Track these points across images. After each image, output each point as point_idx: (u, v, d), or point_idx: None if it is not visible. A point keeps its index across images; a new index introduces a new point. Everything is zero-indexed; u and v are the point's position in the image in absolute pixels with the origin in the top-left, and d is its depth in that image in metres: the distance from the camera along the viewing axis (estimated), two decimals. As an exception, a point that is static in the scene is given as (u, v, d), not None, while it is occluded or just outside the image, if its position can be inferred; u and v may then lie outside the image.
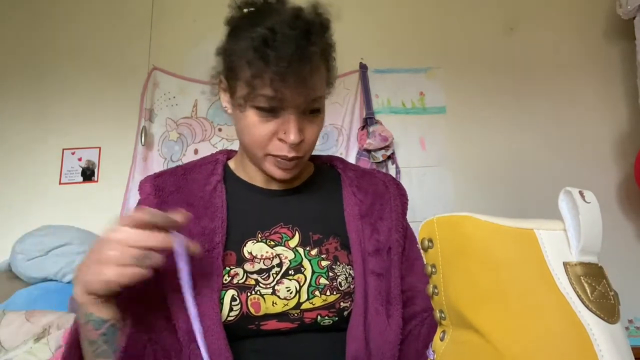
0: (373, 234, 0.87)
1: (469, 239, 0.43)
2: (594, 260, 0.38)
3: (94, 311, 0.64)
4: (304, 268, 0.81)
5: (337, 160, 1.02)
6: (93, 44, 2.49)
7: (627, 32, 2.43)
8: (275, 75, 0.71)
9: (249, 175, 0.91)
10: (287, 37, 0.70)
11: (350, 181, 0.94)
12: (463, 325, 0.44)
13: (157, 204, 0.83)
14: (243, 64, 0.75)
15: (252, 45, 0.72)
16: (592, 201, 0.37)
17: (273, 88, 0.72)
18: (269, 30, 0.70)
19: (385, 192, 0.94)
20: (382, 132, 2.31)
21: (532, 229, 0.40)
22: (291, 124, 0.77)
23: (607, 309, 0.36)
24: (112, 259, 0.61)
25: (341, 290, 0.80)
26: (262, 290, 0.78)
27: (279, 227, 0.86)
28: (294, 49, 0.70)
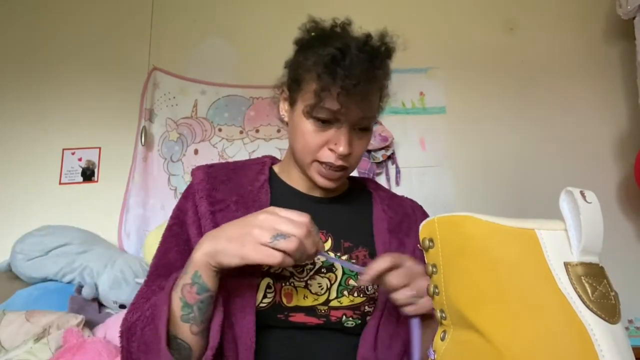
0: (399, 247, 0.92)
1: (470, 239, 0.43)
2: (595, 260, 0.38)
3: (205, 277, 0.68)
4: (335, 268, 0.86)
5: (370, 182, 1.09)
6: (93, 44, 2.49)
7: (627, 32, 2.43)
8: (342, 90, 0.78)
9: (293, 180, 0.97)
10: (357, 58, 0.78)
11: (381, 200, 1.01)
12: (464, 325, 0.44)
13: (209, 189, 0.89)
14: (311, 78, 0.83)
15: (323, 61, 0.79)
16: (593, 201, 0.37)
17: (338, 102, 0.79)
18: (339, 50, 0.79)
19: (412, 214, 1.01)
20: (382, 132, 2.31)
21: (533, 229, 0.40)
22: (343, 137, 0.83)
23: (608, 309, 0.36)
24: (256, 236, 0.64)
25: (367, 294, 0.85)
26: (295, 282, 0.82)
27: None
28: (362, 69, 0.78)
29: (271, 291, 0.81)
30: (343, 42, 0.80)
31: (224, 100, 2.46)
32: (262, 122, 2.43)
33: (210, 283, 0.69)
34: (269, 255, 0.63)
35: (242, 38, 2.54)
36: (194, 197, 0.88)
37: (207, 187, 0.89)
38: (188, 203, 0.89)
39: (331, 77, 0.78)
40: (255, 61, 2.47)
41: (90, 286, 1.84)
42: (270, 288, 0.81)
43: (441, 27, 2.60)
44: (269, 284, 0.81)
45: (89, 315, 1.76)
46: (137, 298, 0.82)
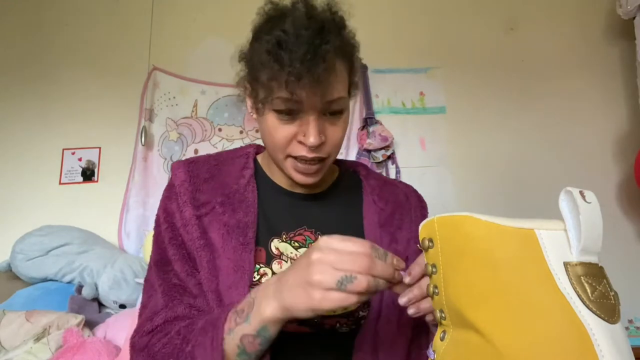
0: (391, 243, 0.87)
1: (470, 239, 0.43)
2: (594, 260, 0.38)
3: (272, 331, 0.64)
4: None
5: (360, 167, 1.02)
6: (93, 44, 2.49)
7: (627, 32, 2.43)
8: (289, 77, 0.70)
9: (275, 177, 0.92)
10: (300, 37, 0.69)
11: (371, 189, 0.95)
12: (463, 325, 0.44)
13: (192, 191, 0.84)
14: (260, 68, 0.75)
15: (267, 48, 0.72)
16: (593, 201, 0.37)
17: (289, 90, 0.71)
18: (282, 32, 0.71)
19: (406, 202, 0.95)
20: (382, 132, 2.31)
21: (532, 229, 0.40)
22: (310, 125, 0.75)
23: (607, 309, 0.36)
24: (319, 283, 0.56)
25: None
26: None
27: (303, 229, 0.87)
28: (307, 48, 0.69)
29: None
30: (287, 22, 0.72)
31: (224, 100, 2.46)
32: (262, 122, 2.42)
33: (275, 333, 0.65)
34: (342, 300, 0.55)
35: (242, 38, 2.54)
36: (177, 200, 0.83)
37: (190, 188, 0.84)
38: (173, 204, 0.84)
39: (277, 63, 0.71)
40: (255, 61, 2.47)
41: (90, 286, 1.84)
42: None
43: (441, 27, 2.60)
44: None
45: (89, 315, 1.76)
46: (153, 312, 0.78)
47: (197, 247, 0.80)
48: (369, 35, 2.63)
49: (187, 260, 0.81)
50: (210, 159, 0.92)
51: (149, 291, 0.82)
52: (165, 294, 0.78)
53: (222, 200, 0.84)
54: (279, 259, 0.82)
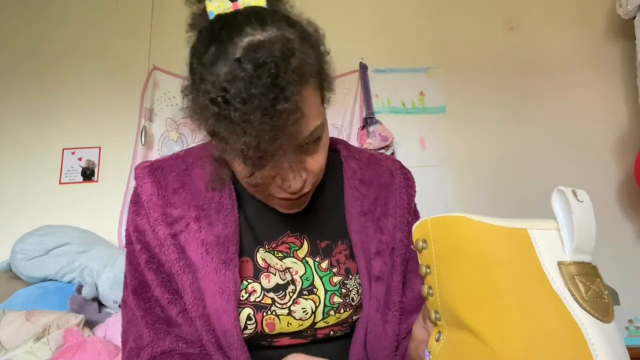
0: (376, 233, 0.81)
1: (463, 240, 0.43)
2: (587, 259, 0.38)
3: None
4: (316, 289, 0.77)
5: (341, 145, 0.91)
6: (93, 44, 2.49)
7: (627, 32, 2.43)
8: (246, 144, 0.57)
9: None
10: (253, 96, 0.55)
11: (352, 173, 0.86)
12: (458, 326, 0.44)
13: (162, 206, 0.74)
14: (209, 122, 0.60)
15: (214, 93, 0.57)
16: (585, 200, 0.37)
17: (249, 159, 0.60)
18: (227, 82, 0.55)
19: (391, 183, 0.87)
20: (382, 132, 2.31)
21: (525, 228, 0.40)
22: (287, 172, 0.65)
23: (601, 308, 0.36)
24: None
25: (353, 306, 0.79)
26: (277, 310, 0.74)
27: (286, 236, 0.81)
28: (265, 108, 0.55)
29: (252, 322, 0.73)
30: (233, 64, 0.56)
31: (223, 100, 2.46)
32: (262, 122, 2.42)
33: None
34: None
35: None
36: (147, 217, 0.74)
37: (160, 203, 0.74)
38: (143, 221, 0.75)
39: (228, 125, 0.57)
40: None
41: (90, 286, 1.84)
42: (250, 319, 0.73)
43: (441, 27, 2.60)
44: (249, 315, 0.73)
45: (89, 315, 1.76)
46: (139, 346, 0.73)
47: (177, 270, 0.73)
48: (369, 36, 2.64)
49: (168, 285, 0.75)
50: (179, 161, 0.81)
51: (129, 317, 0.75)
52: (149, 326, 0.73)
53: (197, 215, 0.75)
54: (267, 271, 0.77)
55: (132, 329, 0.74)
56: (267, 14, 0.62)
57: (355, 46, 2.48)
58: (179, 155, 0.84)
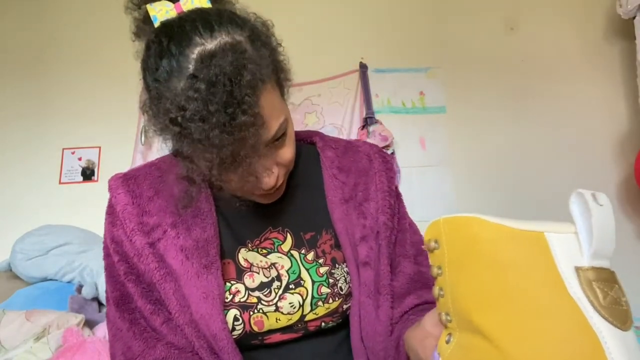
0: (359, 219, 0.80)
1: (476, 241, 0.42)
2: (606, 264, 0.37)
3: None
4: (303, 281, 0.77)
5: (316, 137, 0.90)
6: (93, 44, 2.48)
7: (627, 32, 2.43)
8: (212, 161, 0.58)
9: None
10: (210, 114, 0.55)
11: (330, 162, 0.85)
12: (470, 329, 0.43)
13: (137, 215, 0.73)
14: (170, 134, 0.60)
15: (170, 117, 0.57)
16: (605, 204, 0.36)
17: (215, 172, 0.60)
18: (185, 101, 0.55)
19: (370, 167, 0.85)
20: (382, 131, 2.31)
21: (542, 231, 0.39)
22: (258, 172, 0.64)
23: (619, 315, 0.35)
24: None
25: (342, 294, 0.78)
26: (264, 308, 0.74)
27: (268, 232, 0.81)
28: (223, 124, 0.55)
29: (239, 323, 0.73)
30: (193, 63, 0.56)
31: (224, 100, 2.45)
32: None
33: None
34: None
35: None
36: (124, 227, 0.73)
37: (135, 212, 0.73)
38: (119, 232, 0.74)
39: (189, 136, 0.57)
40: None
41: (90, 286, 1.83)
42: (237, 320, 0.73)
43: (441, 27, 2.59)
44: (236, 315, 0.73)
45: (89, 314, 1.75)
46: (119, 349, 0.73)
47: (158, 279, 0.72)
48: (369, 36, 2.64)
49: (149, 295, 0.74)
50: (152, 168, 0.80)
51: (114, 331, 0.74)
52: (138, 337, 0.72)
53: (173, 221, 0.74)
54: (250, 271, 0.77)
55: (119, 343, 0.73)
56: (213, 17, 0.60)
57: (355, 46, 2.48)
58: (153, 163, 0.83)
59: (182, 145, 0.59)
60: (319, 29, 2.42)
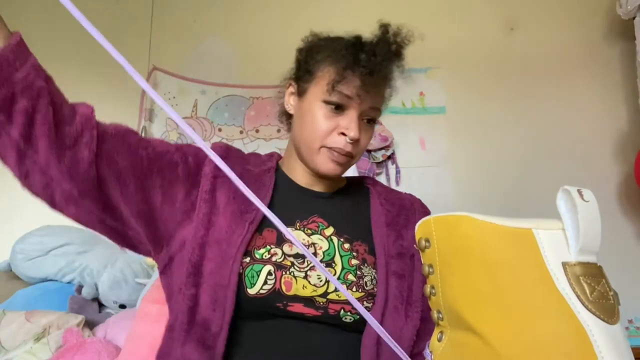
0: (397, 239, 0.93)
1: (467, 239, 0.43)
2: (592, 259, 0.38)
3: None
4: (335, 264, 0.86)
5: (367, 178, 1.10)
6: (93, 44, 2.47)
7: (627, 32, 2.42)
8: (363, 70, 0.84)
9: (295, 175, 0.99)
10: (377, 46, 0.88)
11: (378, 194, 1.02)
12: (461, 326, 0.43)
13: (223, 156, 0.92)
14: (327, 64, 0.89)
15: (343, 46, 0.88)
16: (591, 200, 0.36)
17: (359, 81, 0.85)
18: (357, 39, 0.90)
19: (410, 207, 1.01)
20: (382, 132, 2.31)
21: (530, 228, 0.39)
22: (354, 122, 0.87)
23: (606, 310, 0.36)
24: None
25: (366, 290, 0.85)
26: (295, 272, 0.83)
27: (315, 217, 0.93)
28: (383, 57, 0.87)
29: (272, 278, 0.81)
30: (356, 36, 0.91)
31: (224, 100, 2.46)
32: (262, 122, 2.43)
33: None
34: None
35: (242, 38, 2.54)
36: (206, 156, 0.91)
37: (222, 154, 0.93)
38: (201, 153, 0.92)
39: (353, 57, 0.84)
40: (255, 61, 2.47)
41: (90, 286, 1.84)
42: (271, 275, 0.81)
43: (441, 27, 2.59)
44: (270, 271, 0.82)
45: (89, 315, 1.75)
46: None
47: (202, 198, 0.86)
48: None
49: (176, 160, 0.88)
50: (242, 151, 1.03)
51: None
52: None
53: (241, 173, 0.92)
54: (290, 243, 0.86)
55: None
56: None
57: (355, 46, 2.48)
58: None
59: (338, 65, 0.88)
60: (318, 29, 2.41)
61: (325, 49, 0.92)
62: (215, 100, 2.46)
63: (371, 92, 0.88)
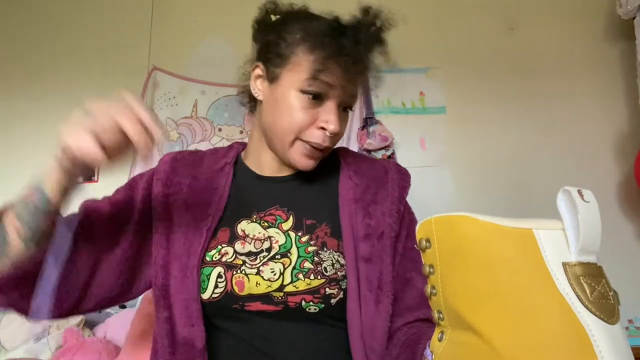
0: (365, 218, 0.87)
1: (467, 239, 0.43)
2: (593, 260, 0.38)
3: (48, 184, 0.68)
4: (290, 253, 0.83)
5: (341, 149, 1.03)
6: (93, 44, 2.49)
7: (627, 32, 2.42)
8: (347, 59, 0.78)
9: (259, 163, 0.94)
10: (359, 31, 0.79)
11: (348, 166, 0.95)
12: (461, 326, 0.43)
13: (168, 172, 0.89)
14: (303, 50, 0.81)
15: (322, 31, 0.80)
16: (591, 200, 0.36)
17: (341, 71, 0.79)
18: (336, 22, 0.82)
19: (384, 176, 0.94)
20: (382, 132, 2.31)
21: (530, 228, 0.39)
22: (334, 114, 0.82)
23: (606, 310, 0.36)
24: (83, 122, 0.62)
25: (326, 276, 0.80)
26: (247, 270, 0.80)
27: (274, 209, 0.89)
28: (365, 42, 0.79)
29: (222, 280, 0.79)
30: (334, 18, 0.83)
31: (224, 100, 2.46)
32: (262, 122, 2.42)
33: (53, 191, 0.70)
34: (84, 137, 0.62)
35: (242, 38, 2.53)
36: (152, 177, 0.89)
37: (168, 170, 0.89)
38: (143, 178, 0.90)
39: (336, 46, 0.78)
40: (255, 61, 2.47)
41: (90, 286, 1.83)
42: (220, 277, 0.79)
43: (441, 27, 2.59)
44: (220, 273, 0.80)
45: (89, 315, 1.76)
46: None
47: (157, 218, 0.85)
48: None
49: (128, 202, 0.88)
50: (198, 151, 0.99)
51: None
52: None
53: (191, 182, 0.89)
54: (243, 240, 0.84)
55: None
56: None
57: (355, 46, 2.48)
58: (204, 150, 1.00)
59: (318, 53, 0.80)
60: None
61: (299, 30, 0.83)
62: (215, 100, 2.46)
63: (351, 82, 0.83)
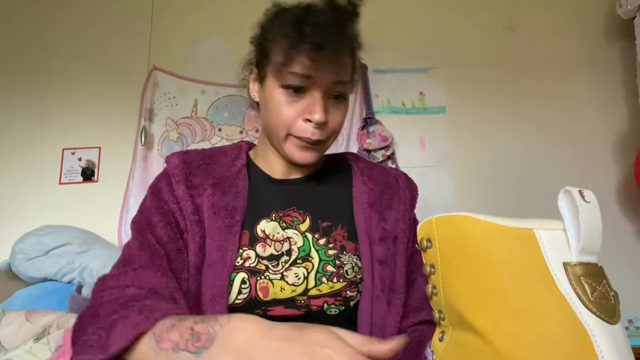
0: (380, 222, 0.88)
1: (468, 239, 0.43)
2: (593, 260, 0.38)
3: None
4: (311, 257, 0.83)
5: (349, 154, 1.04)
6: (93, 44, 2.49)
7: (627, 32, 2.43)
8: (311, 47, 0.74)
9: (269, 165, 0.94)
10: (323, 14, 0.75)
11: (361, 171, 0.96)
12: (462, 326, 0.43)
13: (185, 174, 0.86)
14: (277, 44, 0.80)
15: (288, 22, 0.78)
16: (592, 201, 0.37)
17: (309, 60, 0.76)
18: (303, 10, 0.78)
19: (395, 184, 0.95)
20: (382, 132, 2.31)
21: (531, 228, 0.39)
22: (317, 103, 0.79)
23: (607, 310, 0.36)
24: None
25: (347, 279, 0.82)
26: (271, 275, 0.80)
27: (292, 210, 0.89)
28: (330, 24, 0.75)
29: (246, 286, 0.78)
30: (305, 5, 0.80)
31: (224, 100, 2.46)
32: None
33: None
34: None
35: (242, 38, 2.53)
36: (170, 181, 0.85)
37: (184, 171, 0.86)
38: (162, 183, 0.85)
39: (298, 34, 0.75)
40: (255, 61, 2.47)
41: (90, 286, 1.83)
42: (245, 283, 0.78)
43: (441, 27, 2.60)
44: (244, 279, 0.78)
45: (89, 315, 1.75)
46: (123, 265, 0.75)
47: (190, 221, 0.82)
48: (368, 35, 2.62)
49: (173, 226, 0.81)
50: (205, 151, 0.95)
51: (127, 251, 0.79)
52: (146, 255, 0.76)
53: (214, 183, 0.86)
54: (263, 242, 0.83)
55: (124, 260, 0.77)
56: None
57: (355, 46, 2.48)
58: (204, 149, 0.97)
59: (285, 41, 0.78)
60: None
61: (276, 27, 0.83)
62: (215, 100, 2.46)
63: (327, 68, 0.78)
